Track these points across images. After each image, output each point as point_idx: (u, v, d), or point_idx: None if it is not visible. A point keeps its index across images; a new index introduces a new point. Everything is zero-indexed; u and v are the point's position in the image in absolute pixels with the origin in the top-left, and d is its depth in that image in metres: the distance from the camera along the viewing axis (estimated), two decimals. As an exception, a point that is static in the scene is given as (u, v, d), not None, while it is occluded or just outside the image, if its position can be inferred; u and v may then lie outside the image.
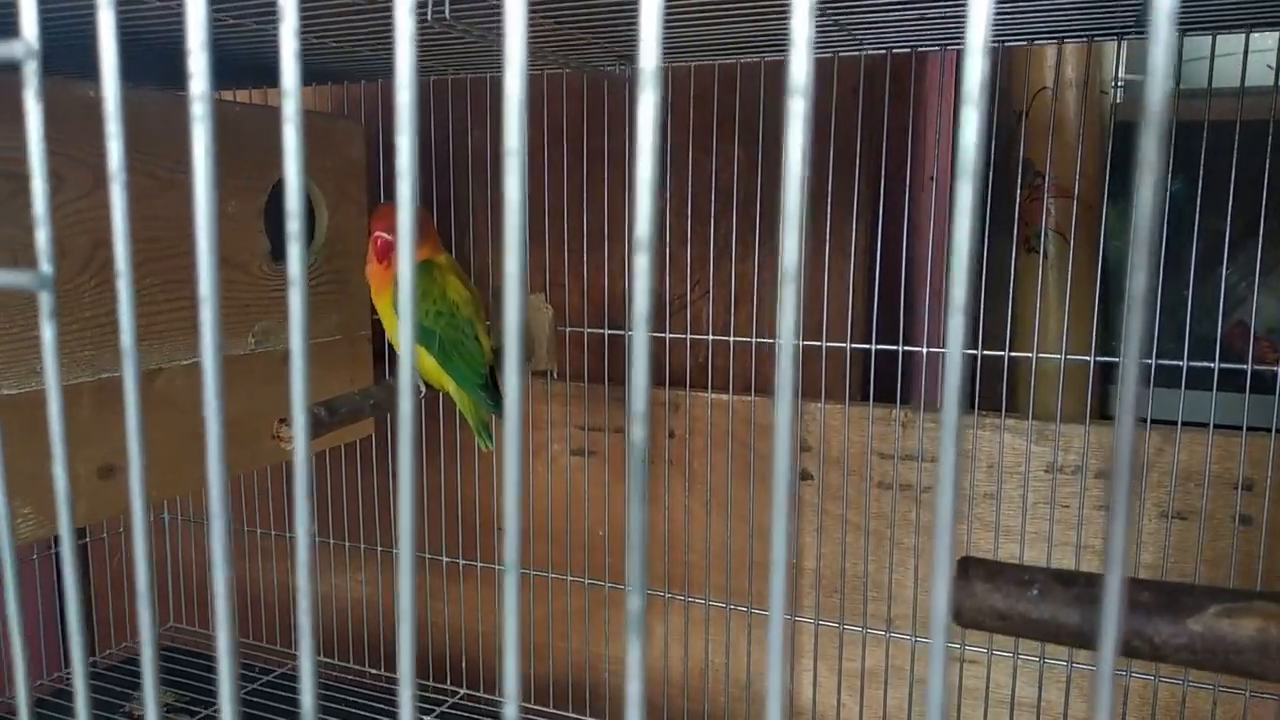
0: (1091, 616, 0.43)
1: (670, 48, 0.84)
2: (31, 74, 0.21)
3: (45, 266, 0.22)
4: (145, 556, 0.22)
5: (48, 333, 0.22)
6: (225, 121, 0.87)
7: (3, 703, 1.11)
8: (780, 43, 0.82)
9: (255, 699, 1.10)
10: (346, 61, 0.90)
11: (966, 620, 0.46)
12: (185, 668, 1.15)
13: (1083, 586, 0.43)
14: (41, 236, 0.21)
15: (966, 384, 0.16)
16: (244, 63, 0.87)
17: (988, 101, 0.14)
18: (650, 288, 0.16)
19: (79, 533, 1.22)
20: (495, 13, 0.68)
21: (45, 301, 0.22)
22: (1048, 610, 0.44)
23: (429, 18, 0.62)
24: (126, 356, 0.21)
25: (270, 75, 0.98)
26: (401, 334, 0.19)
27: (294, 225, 0.19)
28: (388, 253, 0.85)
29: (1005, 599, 0.45)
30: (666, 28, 0.74)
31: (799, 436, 0.98)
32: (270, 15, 0.69)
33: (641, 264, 0.16)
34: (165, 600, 1.29)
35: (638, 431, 0.17)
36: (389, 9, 0.66)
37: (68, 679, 1.20)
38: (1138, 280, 0.13)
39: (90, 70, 0.81)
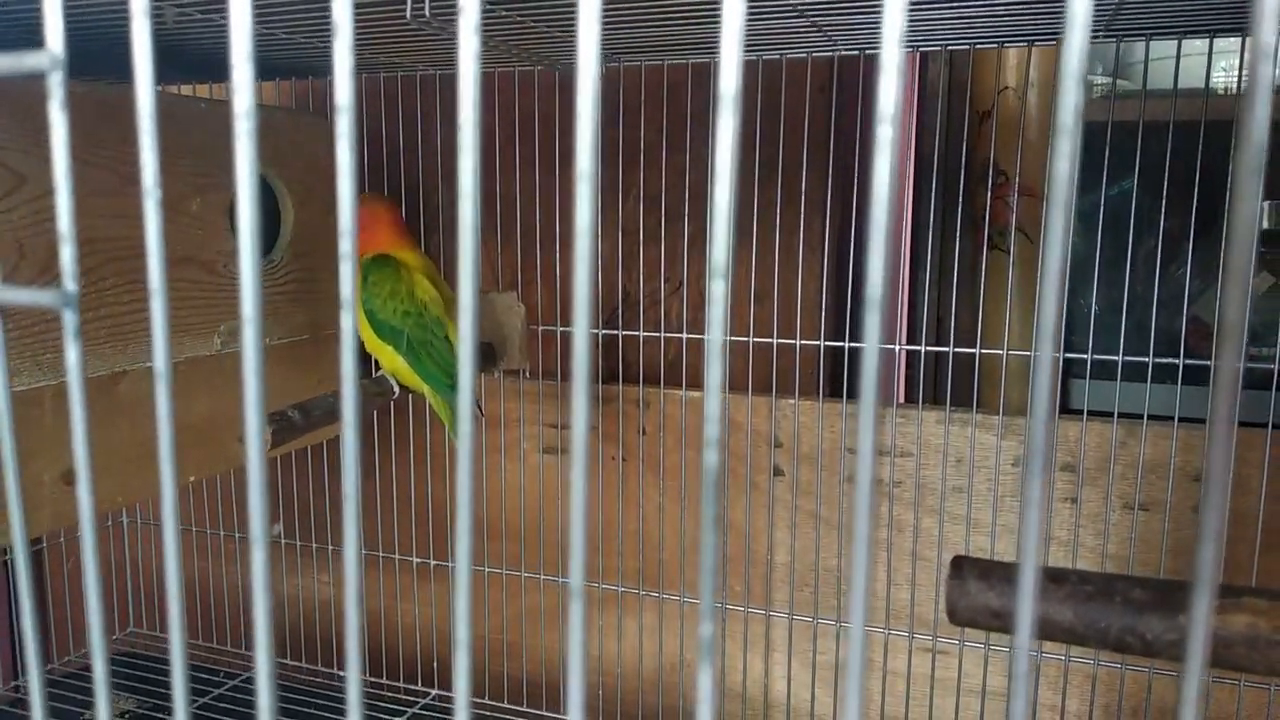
0: (1084, 614, 0.44)
1: (644, 45, 0.83)
2: (57, 85, 0.20)
3: (69, 284, 0.21)
4: (178, 588, 0.21)
5: (72, 353, 0.21)
6: (190, 118, 0.84)
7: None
8: (757, 45, 0.82)
9: (221, 704, 1.08)
10: (313, 57, 0.88)
11: (961, 619, 0.46)
12: (144, 673, 1.13)
13: (1075, 584, 0.44)
14: (66, 254, 0.21)
15: (1053, 398, 0.16)
16: (202, 58, 0.85)
17: (1081, 129, 0.14)
18: (725, 315, 0.16)
19: (33, 540, 1.18)
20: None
21: (69, 321, 0.21)
22: (1041, 608, 0.45)
23: (408, 16, 0.61)
24: (160, 379, 0.20)
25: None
26: (462, 358, 0.18)
27: (346, 245, 0.19)
28: None
29: (999, 597, 0.45)
30: (646, 25, 0.74)
31: (774, 434, 0.99)
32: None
33: (718, 291, 0.15)
34: (124, 604, 1.26)
35: (711, 456, 0.17)
36: (361, 7, 0.65)
37: (27, 687, 1.17)
38: (1230, 312, 0.14)
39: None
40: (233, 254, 0.89)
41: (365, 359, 0.95)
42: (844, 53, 0.86)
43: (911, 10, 0.69)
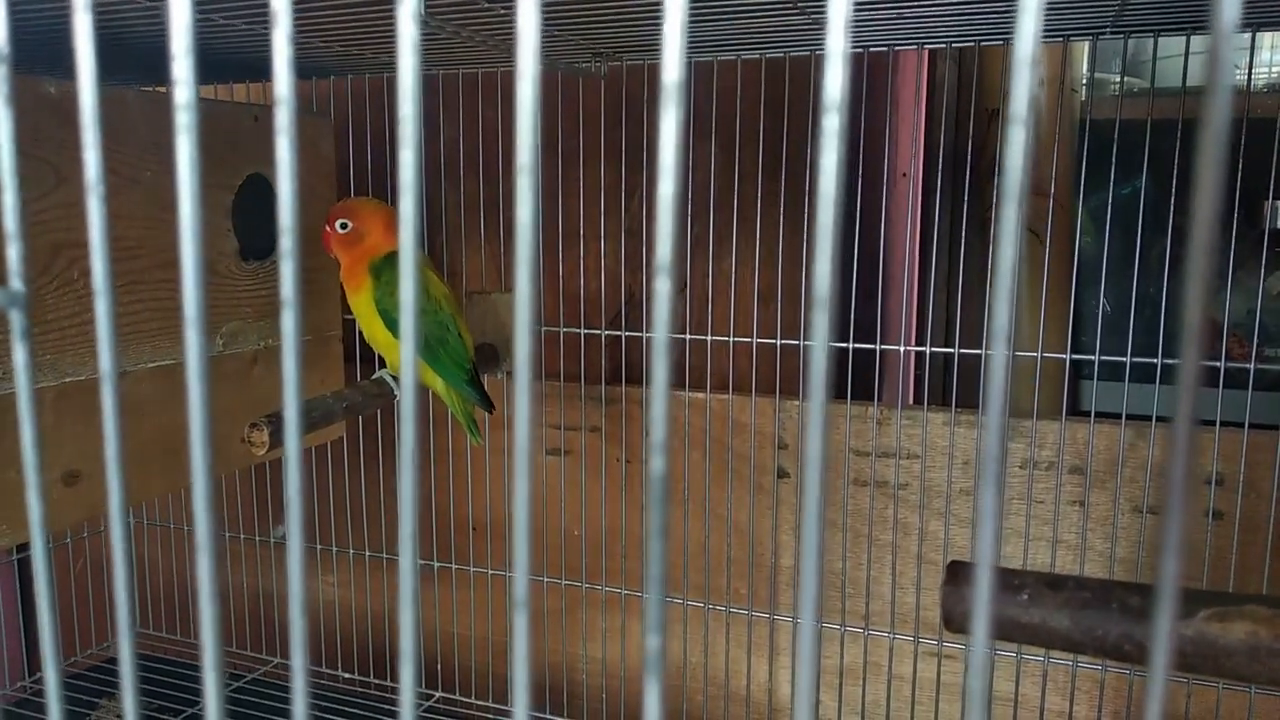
0: (1081, 621, 0.43)
1: (648, 43, 0.83)
2: (1, 79, 0.20)
3: (17, 283, 0.20)
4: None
5: (20, 354, 0.21)
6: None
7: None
8: (759, 41, 0.81)
9: (226, 705, 1.08)
10: (315, 57, 0.88)
11: (956, 625, 0.45)
12: (149, 674, 1.13)
13: (1072, 590, 0.43)
14: (13, 252, 0.20)
15: (1005, 401, 0.15)
16: (208, 58, 0.85)
17: (1034, 120, 0.13)
18: (671, 315, 0.15)
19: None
20: (469, 11, 0.67)
21: (16, 321, 0.21)
22: (1037, 615, 0.44)
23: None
24: (105, 381, 0.20)
25: (231, 70, 0.95)
26: (403, 353, 0.18)
27: (287, 242, 0.18)
28: (329, 245, 0.88)
29: (995, 604, 0.44)
30: (647, 23, 0.74)
31: (778, 436, 0.98)
32: (231, 8, 0.67)
33: (663, 289, 0.15)
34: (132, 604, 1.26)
35: (657, 463, 0.16)
36: (361, 6, 0.65)
37: (31, 688, 1.17)
38: (1191, 314, 0.13)
39: (45, 63, 0.78)
40: (234, 254, 0.89)
41: (368, 359, 0.95)
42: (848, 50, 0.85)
43: (916, 6, 0.68)
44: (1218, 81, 0.12)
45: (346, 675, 1.17)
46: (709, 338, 0.99)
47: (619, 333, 1.05)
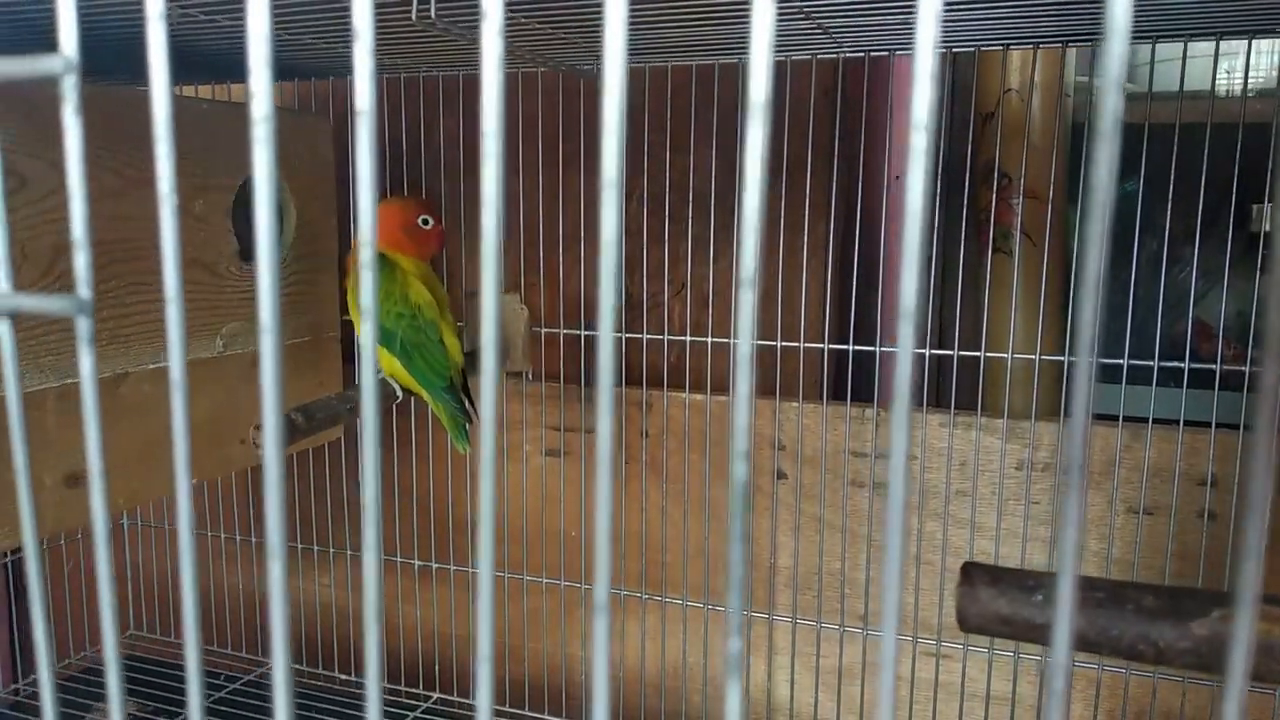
0: (1096, 621, 0.43)
1: (649, 47, 0.83)
2: (70, 89, 0.20)
3: (84, 291, 0.21)
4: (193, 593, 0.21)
5: (86, 361, 0.21)
6: (192, 119, 0.84)
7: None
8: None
9: (223, 707, 1.07)
10: (316, 57, 0.88)
11: (971, 625, 0.46)
12: (147, 676, 1.12)
13: (1085, 591, 0.44)
14: (80, 261, 0.20)
15: (1088, 409, 0.16)
16: (204, 58, 0.85)
17: (1120, 136, 0.14)
18: (752, 326, 0.15)
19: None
20: (477, 14, 0.67)
21: (83, 327, 0.21)
22: (1050, 615, 0.44)
23: (414, 17, 0.61)
24: (176, 389, 0.20)
25: (232, 71, 0.95)
26: (485, 372, 0.18)
27: (366, 253, 0.19)
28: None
29: (1010, 604, 0.45)
30: (651, 27, 0.74)
31: (777, 437, 0.99)
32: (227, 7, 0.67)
33: (746, 301, 0.15)
34: (125, 607, 1.26)
35: (740, 469, 0.16)
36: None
37: (25, 690, 1.16)
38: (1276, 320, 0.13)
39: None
40: (234, 255, 0.89)
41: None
42: (849, 55, 0.86)
43: (914, 12, 0.69)
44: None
45: (344, 677, 1.17)
46: (709, 339, 1.00)
47: (618, 334, 1.05)
